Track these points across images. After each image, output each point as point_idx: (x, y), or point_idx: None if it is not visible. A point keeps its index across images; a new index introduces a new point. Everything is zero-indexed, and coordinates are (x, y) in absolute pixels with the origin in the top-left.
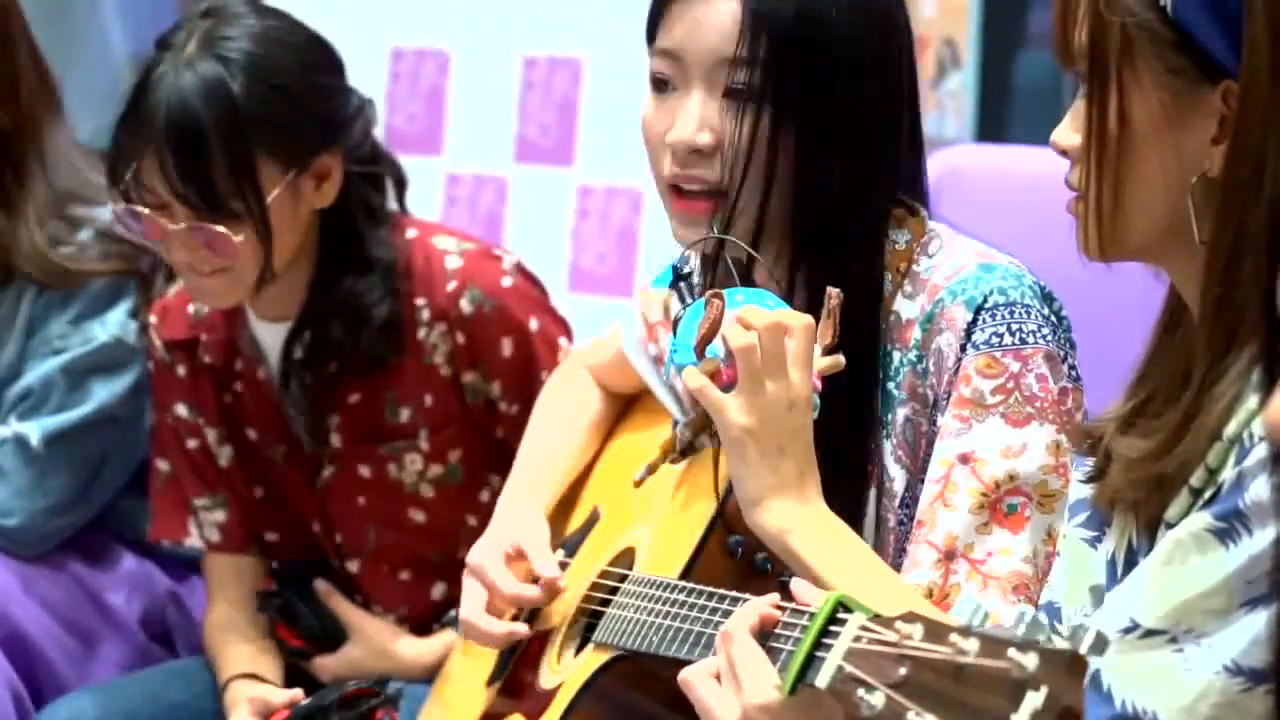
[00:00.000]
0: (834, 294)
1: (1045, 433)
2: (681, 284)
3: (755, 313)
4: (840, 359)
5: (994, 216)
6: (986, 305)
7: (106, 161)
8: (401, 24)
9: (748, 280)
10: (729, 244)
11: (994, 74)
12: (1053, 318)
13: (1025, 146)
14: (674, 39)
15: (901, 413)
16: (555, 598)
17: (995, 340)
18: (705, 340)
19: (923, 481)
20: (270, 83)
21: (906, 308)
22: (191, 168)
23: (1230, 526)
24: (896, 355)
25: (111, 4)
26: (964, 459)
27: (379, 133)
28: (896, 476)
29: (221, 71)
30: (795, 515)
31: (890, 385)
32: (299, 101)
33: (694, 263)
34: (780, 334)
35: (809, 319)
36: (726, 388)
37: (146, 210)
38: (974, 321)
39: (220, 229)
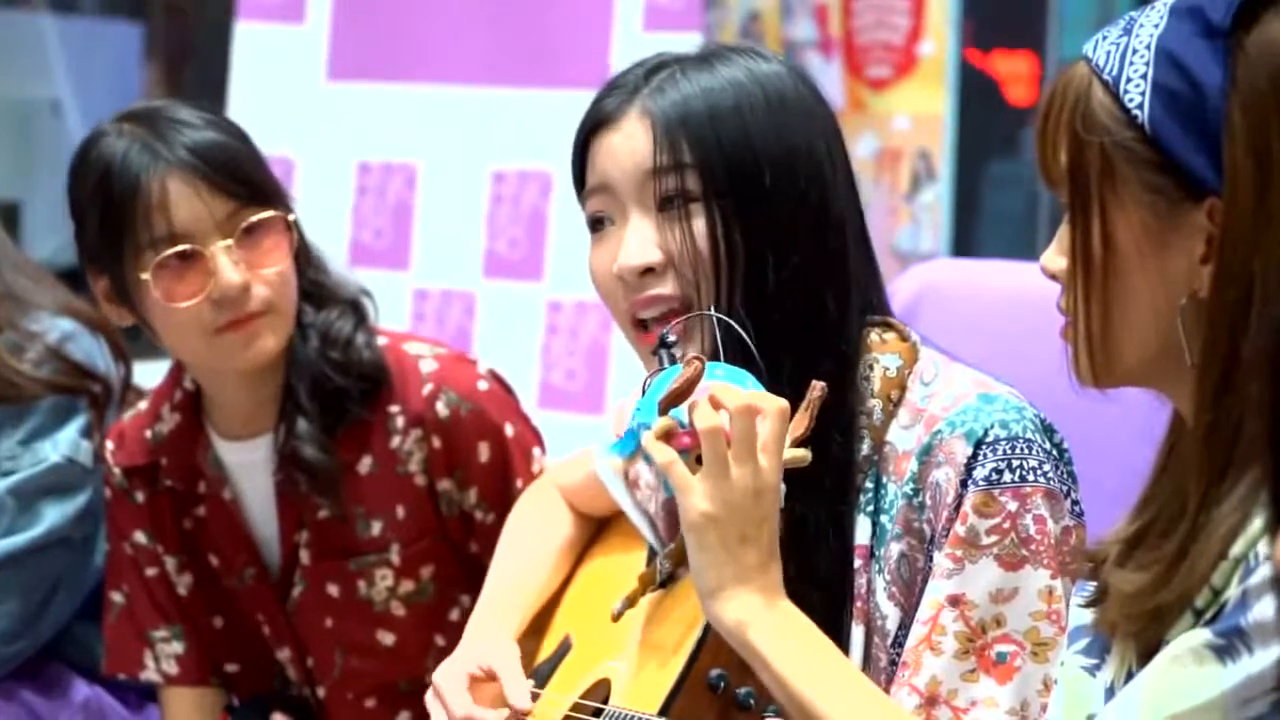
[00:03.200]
0: (818, 386)
1: (1039, 577)
2: (664, 351)
3: (729, 391)
4: (808, 454)
5: (972, 333)
6: (987, 439)
7: (83, 246)
8: (368, 137)
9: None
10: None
11: (969, 187)
12: (1054, 451)
13: (1003, 261)
14: (598, 173)
15: (896, 548)
16: None
17: (995, 477)
18: (673, 398)
19: None
20: (230, 122)
21: (902, 439)
22: (224, 160)
23: (1230, 644)
24: (891, 488)
25: (77, 119)
26: (953, 601)
27: (344, 247)
28: (890, 614)
29: (193, 112)
30: (755, 607)
31: (884, 519)
32: (254, 147)
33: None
34: (752, 417)
35: (784, 403)
36: (682, 453)
37: (185, 247)
38: (974, 456)
39: (272, 211)
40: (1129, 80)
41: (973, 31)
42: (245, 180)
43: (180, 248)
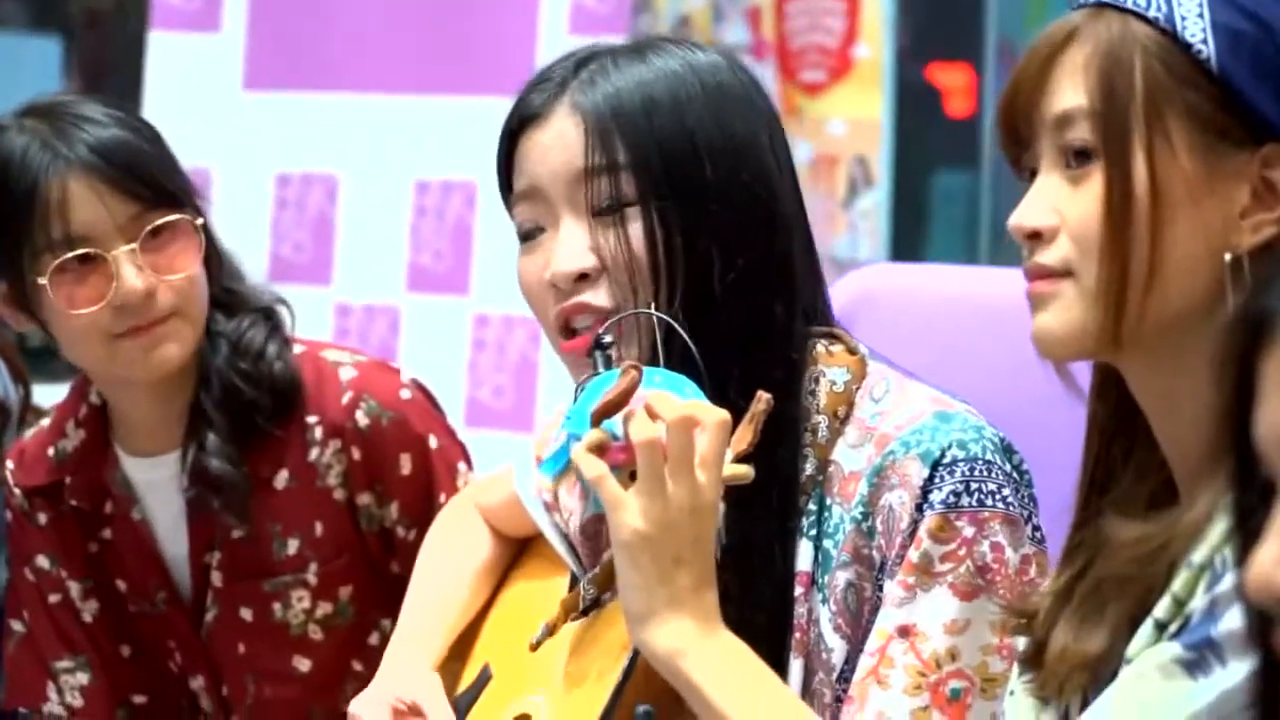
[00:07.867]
0: (763, 398)
1: (993, 609)
2: (599, 353)
3: (666, 401)
4: (750, 470)
5: (911, 340)
6: (944, 461)
7: None
8: (287, 148)
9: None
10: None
11: (907, 192)
12: (1014, 474)
13: (943, 265)
14: (526, 177)
15: (843, 576)
16: None
17: (952, 500)
18: (607, 410)
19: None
20: (140, 120)
21: (849, 458)
22: (127, 160)
23: (1201, 657)
24: (837, 511)
25: None
26: (903, 632)
27: (263, 261)
28: (835, 647)
29: (99, 108)
30: (689, 635)
31: (828, 544)
32: (164, 146)
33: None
34: (690, 429)
35: (724, 414)
36: (614, 468)
37: (85, 251)
38: (930, 478)
39: (178, 214)
40: (1183, 19)
41: (909, 42)
42: (150, 182)
43: (80, 251)
